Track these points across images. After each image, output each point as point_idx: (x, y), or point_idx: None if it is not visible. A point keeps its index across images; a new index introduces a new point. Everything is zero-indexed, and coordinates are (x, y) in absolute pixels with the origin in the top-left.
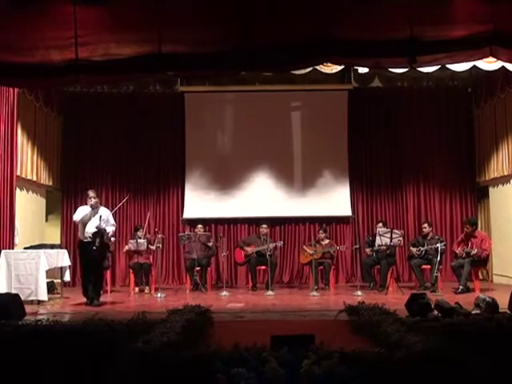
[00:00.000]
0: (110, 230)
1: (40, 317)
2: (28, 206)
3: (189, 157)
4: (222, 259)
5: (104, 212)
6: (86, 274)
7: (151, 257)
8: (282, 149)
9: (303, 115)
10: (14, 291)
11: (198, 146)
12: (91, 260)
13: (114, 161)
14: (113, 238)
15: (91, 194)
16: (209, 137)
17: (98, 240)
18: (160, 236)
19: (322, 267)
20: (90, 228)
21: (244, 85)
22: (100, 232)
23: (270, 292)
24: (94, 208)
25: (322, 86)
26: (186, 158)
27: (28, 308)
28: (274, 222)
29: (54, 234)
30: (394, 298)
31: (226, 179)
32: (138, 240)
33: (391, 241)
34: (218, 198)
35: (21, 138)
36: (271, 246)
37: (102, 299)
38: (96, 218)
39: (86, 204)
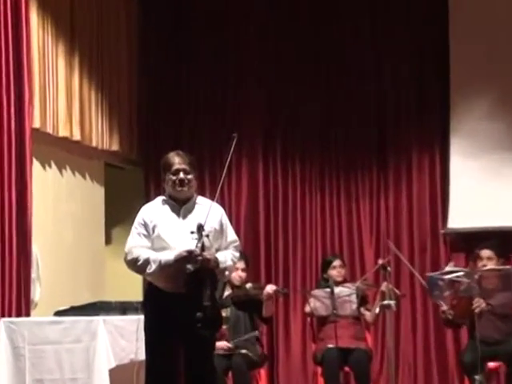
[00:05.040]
0: (230, 259)
1: None
2: (62, 206)
3: (456, 81)
4: None
5: (209, 214)
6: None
7: (368, 333)
8: None
9: None
10: None
11: (474, 56)
12: (191, 345)
13: (259, 100)
14: (251, 285)
15: (174, 160)
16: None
17: (206, 295)
18: (386, 285)
19: None
20: (180, 245)
21: None
22: (206, 274)
23: None
24: (179, 204)
25: None
26: (452, 86)
27: None
28: None
29: (124, 274)
30: None
31: None
32: (335, 289)
33: None
34: None
35: (37, 38)
36: None
37: None
38: (184, 225)
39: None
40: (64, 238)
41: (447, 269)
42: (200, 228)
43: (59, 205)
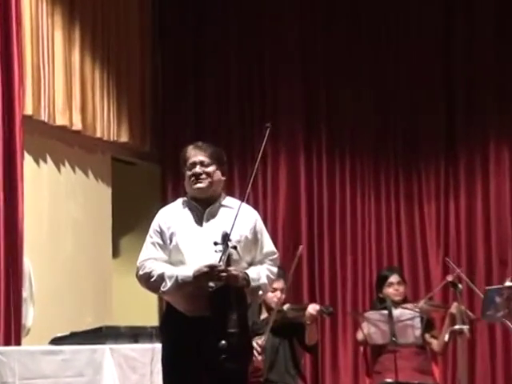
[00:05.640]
0: (264, 276)
1: None
2: (60, 210)
3: None
4: None
5: (236, 218)
6: None
7: (435, 365)
8: None
9: None
10: None
11: None
12: (216, 381)
13: (299, 82)
14: (294, 308)
15: (190, 153)
16: None
17: (232, 320)
18: (457, 307)
19: None
20: (199, 258)
21: None
22: (232, 294)
23: None
24: (203, 207)
25: None
26: None
27: None
28: None
29: (135, 292)
30: None
31: None
32: (394, 311)
33: None
34: None
35: (29, 6)
36: None
37: None
38: (206, 234)
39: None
40: (63, 249)
41: (507, 284)
42: (225, 237)
43: (57, 208)
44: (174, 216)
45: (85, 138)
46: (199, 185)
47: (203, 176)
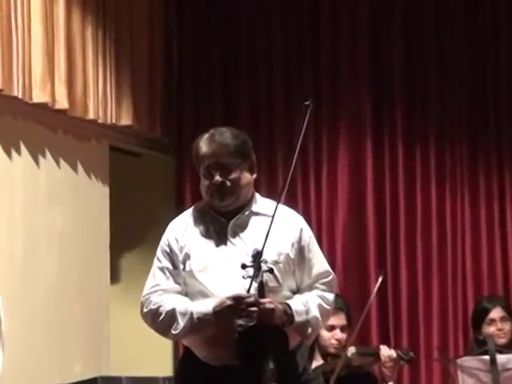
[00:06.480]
0: (315, 307)
1: None
2: (40, 218)
3: None
4: None
5: (270, 230)
6: None
7: None
8: None
9: None
10: None
11: None
12: None
13: (365, 50)
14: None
15: (202, 150)
16: None
17: (269, 371)
18: None
19: None
20: (225, 288)
21: None
22: (267, 336)
23: None
24: (226, 217)
25: None
26: None
27: None
28: None
29: (141, 331)
30: None
31: None
32: (498, 357)
33: None
34: None
35: None
36: None
37: None
38: (232, 254)
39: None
40: (43, 272)
41: None
42: (256, 257)
43: (35, 216)
44: (188, 232)
45: (72, 120)
46: (224, 203)
47: (227, 185)
